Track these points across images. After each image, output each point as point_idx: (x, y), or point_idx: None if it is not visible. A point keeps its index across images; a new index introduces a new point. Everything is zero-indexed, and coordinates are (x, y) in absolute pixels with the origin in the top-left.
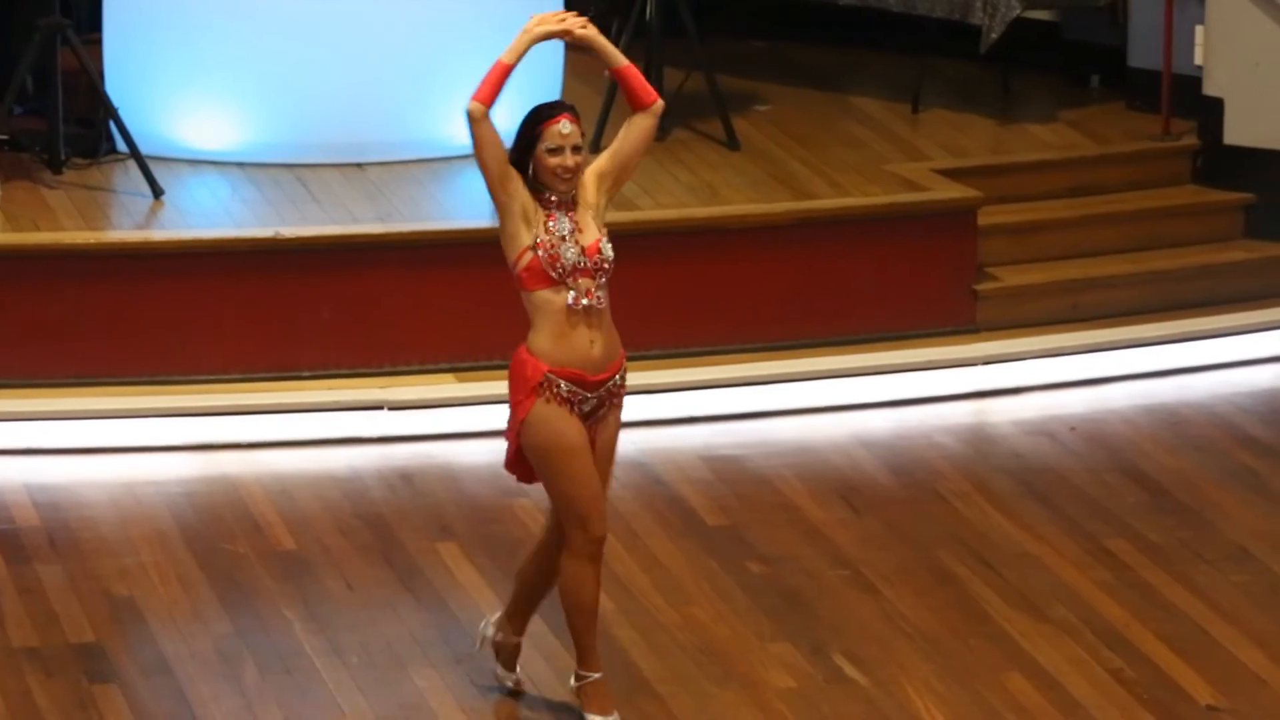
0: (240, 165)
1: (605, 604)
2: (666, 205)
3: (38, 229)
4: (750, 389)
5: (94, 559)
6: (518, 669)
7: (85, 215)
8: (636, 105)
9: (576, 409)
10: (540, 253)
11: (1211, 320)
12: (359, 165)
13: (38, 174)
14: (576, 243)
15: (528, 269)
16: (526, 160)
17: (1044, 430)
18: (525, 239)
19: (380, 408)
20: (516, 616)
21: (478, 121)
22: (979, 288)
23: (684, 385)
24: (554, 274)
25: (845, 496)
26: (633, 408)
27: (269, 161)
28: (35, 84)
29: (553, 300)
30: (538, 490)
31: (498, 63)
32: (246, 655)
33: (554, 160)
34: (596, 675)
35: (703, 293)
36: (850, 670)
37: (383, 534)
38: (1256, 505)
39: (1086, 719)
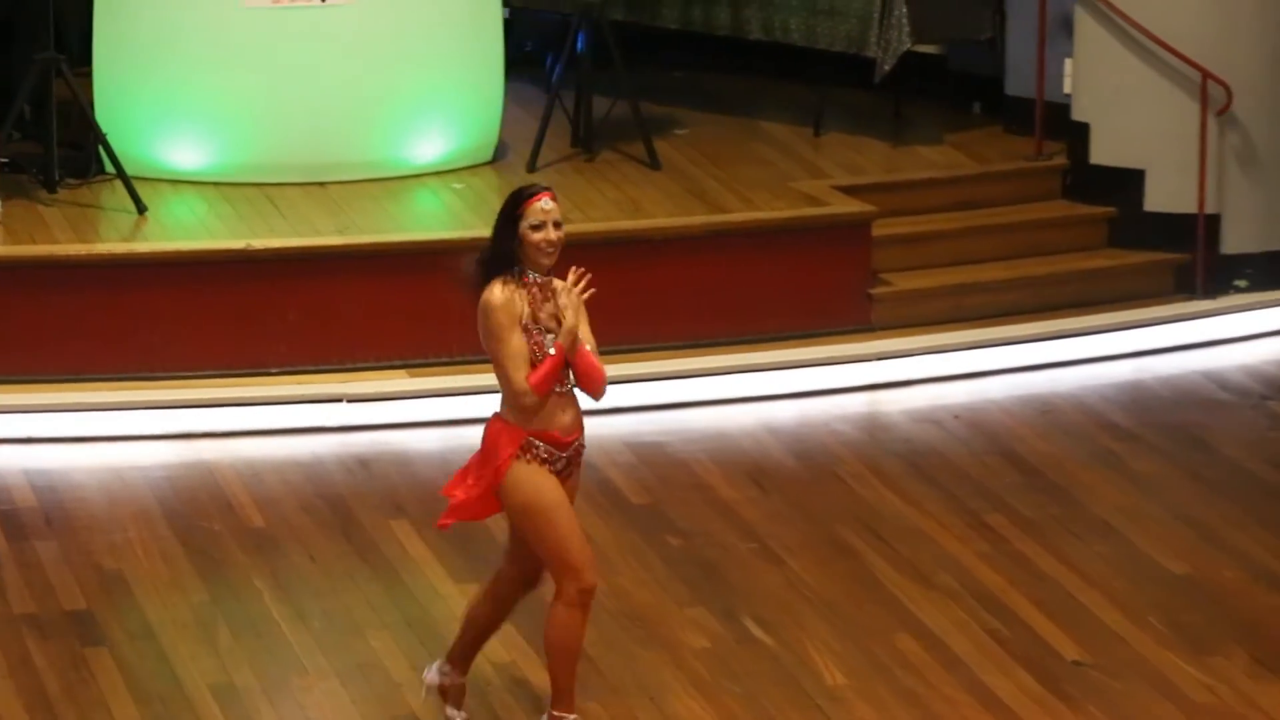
0: (215, 184)
1: None
2: (595, 219)
3: (34, 241)
4: (669, 382)
5: (85, 535)
6: (463, 707)
7: (77, 229)
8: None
9: (552, 468)
10: (530, 343)
11: (1079, 320)
12: (321, 184)
13: (34, 192)
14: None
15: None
16: (511, 242)
17: (931, 418)
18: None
19: (340, 400)
20: (462, 659)
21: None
22: (873, 291)
23: (611, 379)
24: (536, 360)
25: (754, 477)
26: None
27: (240, 181)
28: (32, 112)
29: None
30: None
31: (553, 359)
32: (221, 620)
33: (538, 235)
34: (572, 717)
35: (628, 297)
36: (758, 632)
37: (342, 512)
38: (1118, 484)
39: (967, 674)
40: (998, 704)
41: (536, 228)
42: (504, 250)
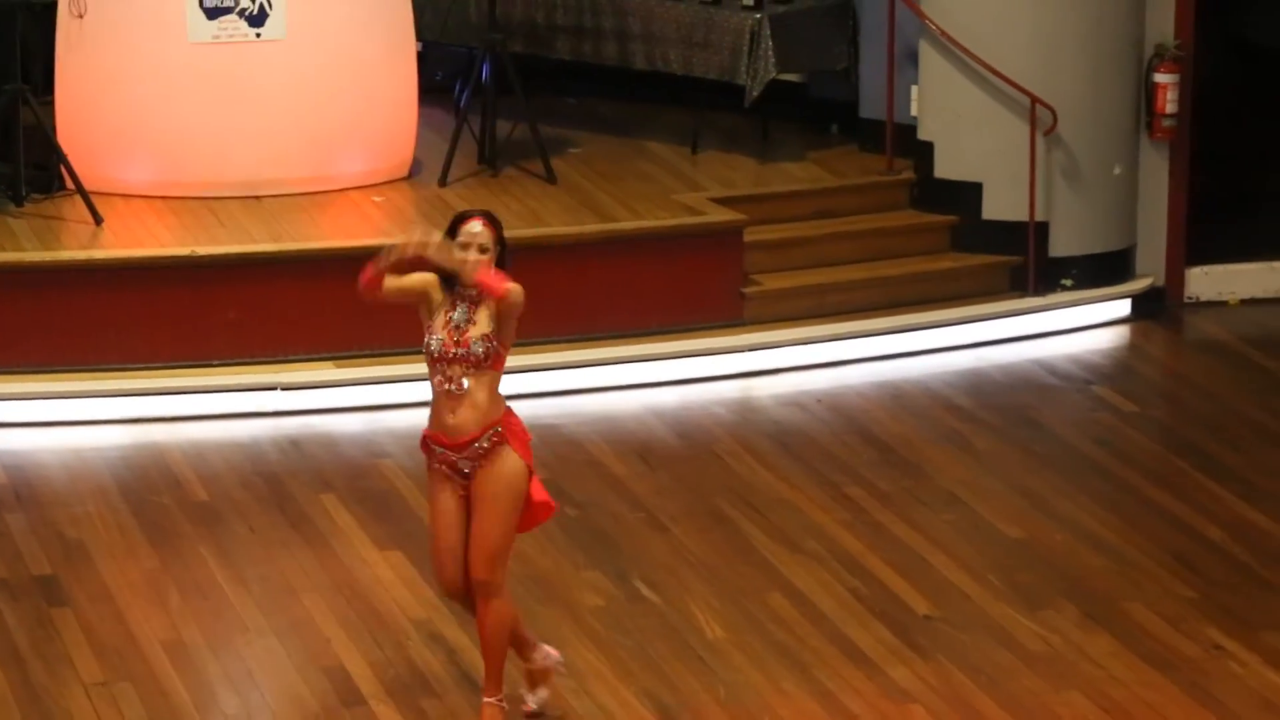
0: (163, 198)
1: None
2: None
3: (3, 249)
4: (565, 371)
5: (50, 508)
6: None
7: (41, 239)
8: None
9: (454, 471)
10: (425, 338)
11: (925, 315)
12: (257, 197)
13: (4, 206)
14: (455, 333)
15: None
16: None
17: (796, 402)
18: (425, 320)
19: (274, 388)
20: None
21: (376, 296)
22: (745, 290)
23: (514, 369)
24: (428, 361)
25: (641, 455)
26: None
27: (185, 195)
28: (1, 136)
29: (431, 375)
30: (400, 450)
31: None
32: (170, 584)
33: (460, 255)
34: (493, 700)
35: (528, 297)
36: (646, 591)
37: (277, 488)
38: (962, 460)
39: (832, 628)
40: (859, 654)
41: (463, 247)
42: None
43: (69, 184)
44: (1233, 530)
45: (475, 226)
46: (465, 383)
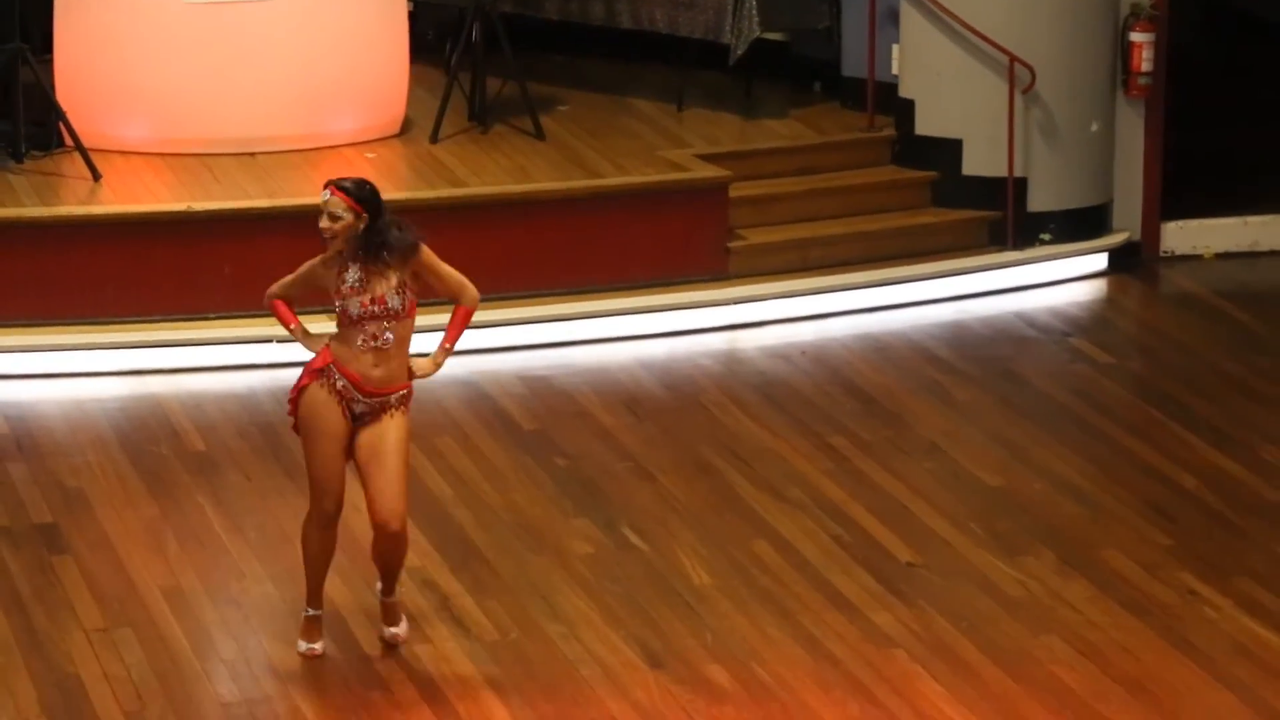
0: (160, 155)
1: (445, 490)
2: (489, 183)
3: (4, 205)
4: (555, 324)
5: (51, 458)
6: (395, 624)
7: (41, 195)
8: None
9: (347, 406)
10: (337, 303)
11: (907, 269)
12: (251, 154)
13: (4, 163)
14: (362, 294)
15: (338, 308)
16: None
17: (781, 354)
18: (332, 288)
19: (269, 341)
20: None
21: (269, 298)
22: (730, 245)
23: (504, 322)
24: (345, 321)
25: (629, 406)
26: (464, 339)
27: (182, 152)
28: (1, 94)
29: (349, 331)
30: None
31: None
32: (169, 531)
33: (320, 222)
34: (314, 612)
35: (518, 250)
36: (635, 539)
37: (271, 438)
38: (942, 410)
39: (815, 575)
40: (842, 600)
41: (318, 214)
42: None
43: (68, 141)
44: (1207, 479)
45: (324, 194)
46: (389, 336)
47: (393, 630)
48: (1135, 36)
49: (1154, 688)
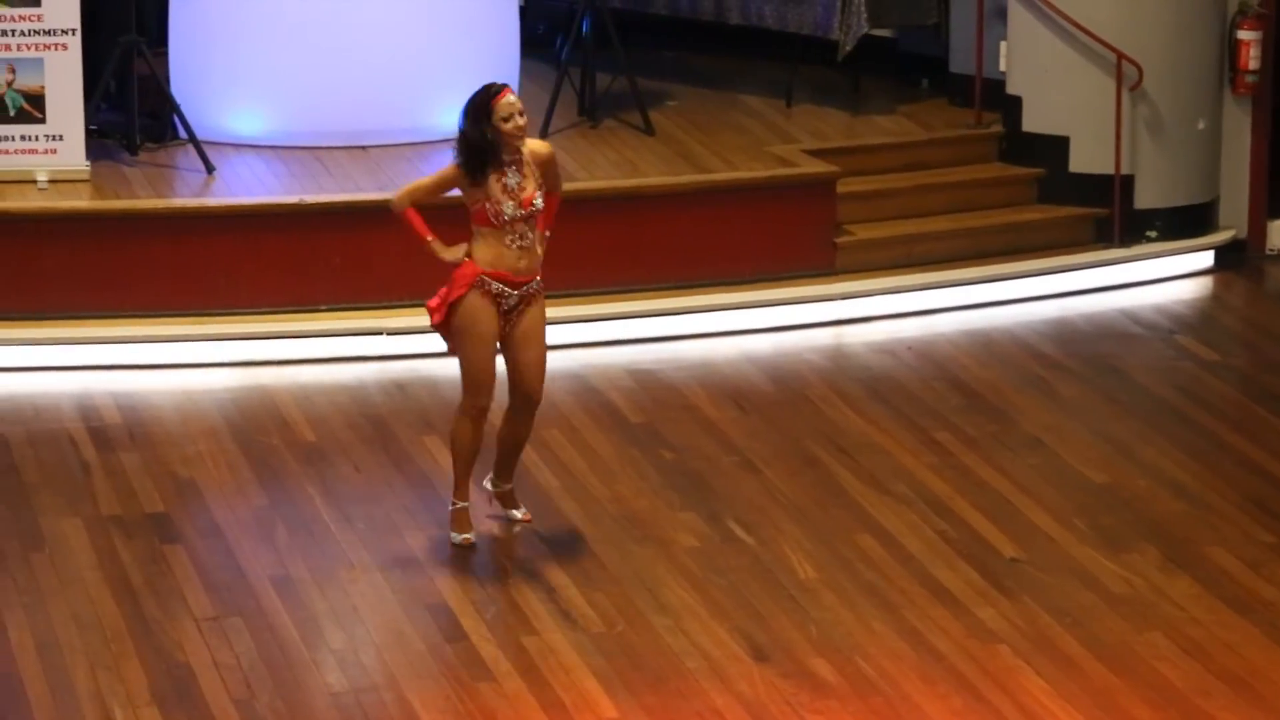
0: (273, 148)
1: (552, 482)
2: (598, 178)
3: (119, 197)
4: (663, 318)
5: (163, 448)
6: (517, 509)
7: (155, 187)
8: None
9: (501, 304)
10: (488, 205)
11: (1013, 265)
12: (363, 147)
13: (119, 155)
14: (516, 197)
15: (479, 212)
16: (484, 130)
17: (887, 349)
18: (478, 196)
19: (380, 333)
20: (505, 470)
21: (401, 205)
22: (838, 240)
23: (612, 316)
24: (495, 223)
25: (736, 400)
26: (571, 333)
27: (294, 145)
28: (116, 86)
29: (495, 233)
30: (501, 393)
31: (423, 233)
32: (278, 522)
33: (509, 125)
34: (465, 504)
35: (627, 245)
36: (740, 533)
37: (382, 429)
38: (1047, 406)
39: (919, 569)
40: (946, 594)
41: (507, 119)
42: (479, 142)
43: (182, 134)
44: None
45: (511, 97)
46: (530, 234)
47: (518, 512)
48: (1242, 34)
49: (1258, 684)
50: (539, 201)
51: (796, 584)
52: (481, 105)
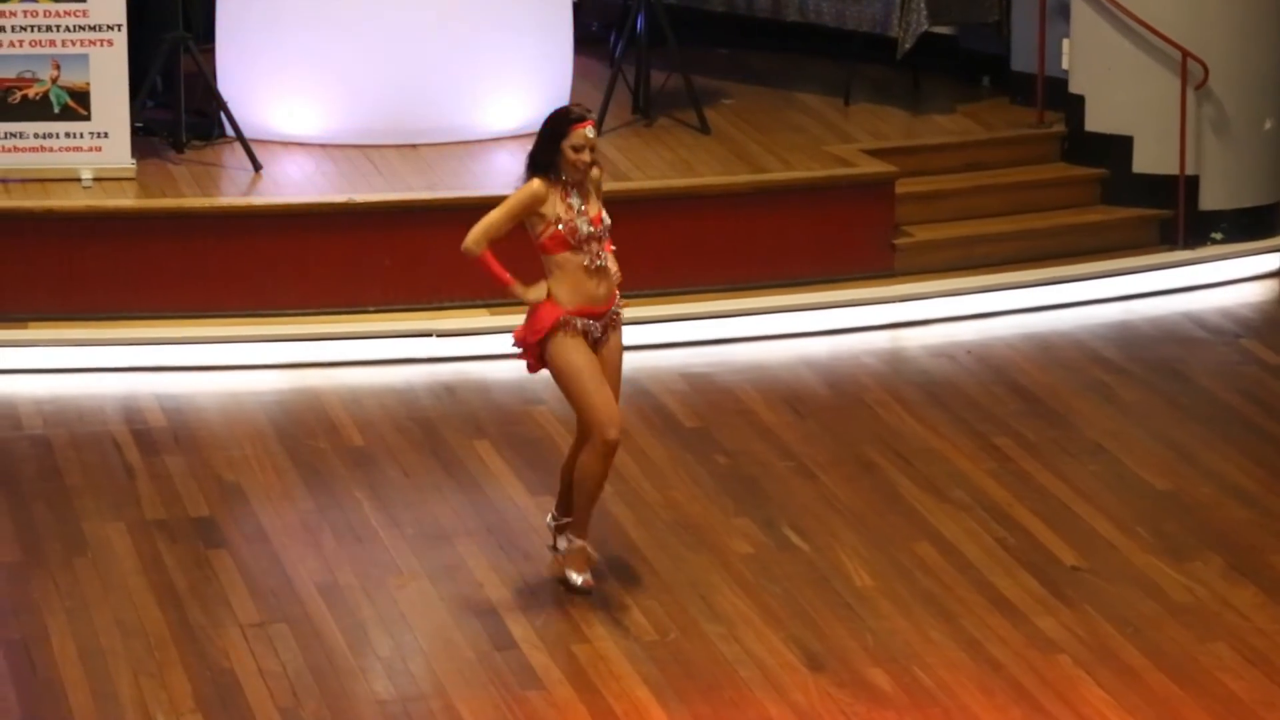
0: (321, 146)
1: (604, 487)
2: (653, 177)
3: (165, 196)
4: (717, 320)
5: (208, 451)
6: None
7: (201, 185)
8: None
9: (589, 338)
10: (561, 227)
11: (1074, 268)
12: (413, 146)
13: (165, 153)
14: (586, 216)
15: (551, 239)
16: (553, 150)
17: (945, 353)
18: (549, 217)
19: (429, 335)
20: (567, 507)
21: (479, 247)
22: (896, 241)
23: (666, 318)
24: (572, 242)
25: (791, 404)
26: (625, 335)
27: (343, 143)
28: (163, 83)
29: (571, 259)
30: (553, 398)
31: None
32: (325, 526)
33: (576, 155)
34: (583, 543)
35: (681, 245)
36: (795, 539)
37: (431, 433)
38: (1108, 411)
39: (978, 577)
40: (1005, 603)
41: (578, 149)
42: (545, 160)
43: (229, 131)
44: None
45: (590, 131)
46: (603, 255)
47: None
48: None
49: None
50: (607, 219)
51: (853, 592)
52: (559, 124)
